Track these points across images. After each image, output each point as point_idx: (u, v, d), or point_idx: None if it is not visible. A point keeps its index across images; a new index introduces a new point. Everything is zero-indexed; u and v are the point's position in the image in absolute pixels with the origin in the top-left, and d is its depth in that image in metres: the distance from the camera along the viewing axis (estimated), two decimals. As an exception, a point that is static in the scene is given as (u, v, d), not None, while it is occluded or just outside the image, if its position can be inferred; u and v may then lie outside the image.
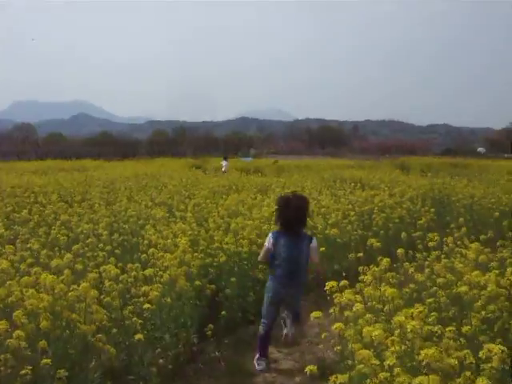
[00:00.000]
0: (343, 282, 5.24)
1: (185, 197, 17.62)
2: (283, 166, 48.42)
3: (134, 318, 6.54)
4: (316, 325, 7.97)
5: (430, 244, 7.58)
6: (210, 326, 7.86)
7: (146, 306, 6.59)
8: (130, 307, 6.84)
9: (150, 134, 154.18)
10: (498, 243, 8.26)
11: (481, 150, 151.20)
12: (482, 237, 8.21)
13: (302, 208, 7.26)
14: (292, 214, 7.15)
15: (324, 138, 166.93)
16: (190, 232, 10.26)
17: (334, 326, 4.33)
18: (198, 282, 8.03)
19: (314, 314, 4.91)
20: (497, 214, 15.26)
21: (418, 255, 8.17)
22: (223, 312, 8.57)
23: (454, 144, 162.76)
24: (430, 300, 5.25)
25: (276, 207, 7.65)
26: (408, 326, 3.83)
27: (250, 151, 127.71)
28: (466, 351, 3.83)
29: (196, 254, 8.97)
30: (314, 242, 7.33)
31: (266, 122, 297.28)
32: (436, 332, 4.19)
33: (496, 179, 26.57)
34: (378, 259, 6.20)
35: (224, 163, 41.73)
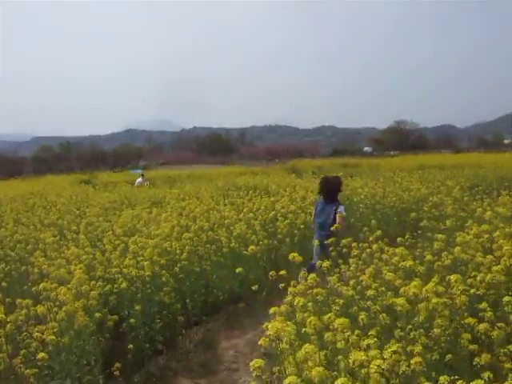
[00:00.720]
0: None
1: (76, 215, 16.64)
2: (174, 176, 47.54)
3: (27, 371, 5.64)
4: (231, 347, 7.42)
5: (345, 251, 7.04)
6: (117, 364, 7.04)
7: (41, 355, 5.65)
8: (21, 354, 5.95)
9: (35, 150, 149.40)
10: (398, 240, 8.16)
11: (367, 149, 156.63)
12: (399, 239, 7.83)
13: (336, 184, 10.50)
14: (329, 187, 10.36)
15: (212, 147, 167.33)
16: (84, 256, 9.31)
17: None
18: (98, 314, 7.19)
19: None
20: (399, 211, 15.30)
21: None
22: (130, 345, 7.75)
23: (341, 145, 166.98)
24: (362, 316, 4.75)
25: (319, 183, 10.76)
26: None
27: (139, 163, 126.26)
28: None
29: (93, 281, 8.10)
30: (341, 208, 9.95)
31: (154, 133, 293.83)
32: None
33: (389, 176, 27.15)
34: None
35: (139, 180, 39.37)
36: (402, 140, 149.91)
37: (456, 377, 3.56)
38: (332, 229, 8.28)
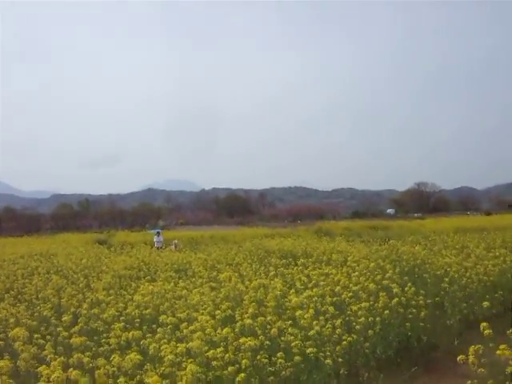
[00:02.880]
0: None
1: (81, 288, 13.57)
2: (196, 237, 44.75)
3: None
4: None
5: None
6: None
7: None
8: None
9: (54, 208, 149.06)
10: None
11: (390, 211, 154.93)
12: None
13: None
14: None
15: (232, 207, 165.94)
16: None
17: None
18: None
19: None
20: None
21: None
22: None
23: (362, 206, 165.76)
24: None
25: None
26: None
27: (158, 223, 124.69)
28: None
29: None
30: None
31: (173, 192, 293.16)
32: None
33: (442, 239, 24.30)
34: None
35: (157, 238, 37.07)
36: (423, 202, 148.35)
37: None
38: None
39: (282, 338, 7.65)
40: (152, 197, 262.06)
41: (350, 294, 10.11)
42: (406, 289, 10.69)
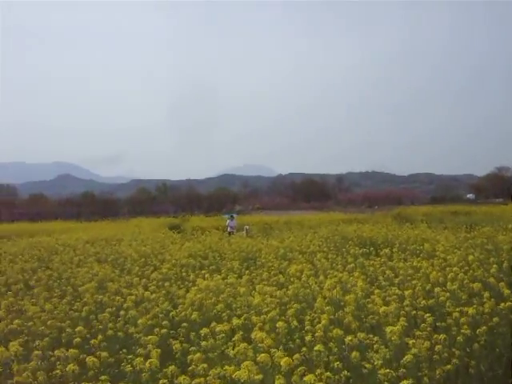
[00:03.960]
0: None
1: (135, 277, 12.30)
2: (271, 222, 43.30)
3: None
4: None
5: None
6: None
7: None
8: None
9: (133, 192, 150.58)
10: None
11: (470, 196, 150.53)
12: None
13: None
14: None
15: (308, 192, 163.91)
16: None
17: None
18: None
19: None
20: None
21: None
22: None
23: (439, 192, 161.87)
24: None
25: None
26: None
27: (234, 207, 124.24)
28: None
29: None
30: None
31: (249, 178, 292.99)
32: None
33: None
34: None
35: (230, 222, 35.81)
36: (504, 187, 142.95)
37: None
38: None
39: (366, 365, 5.91)
40: (229, 182, 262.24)
41: (447, 294, 8.32)
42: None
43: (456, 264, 10.64)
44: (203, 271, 12.99)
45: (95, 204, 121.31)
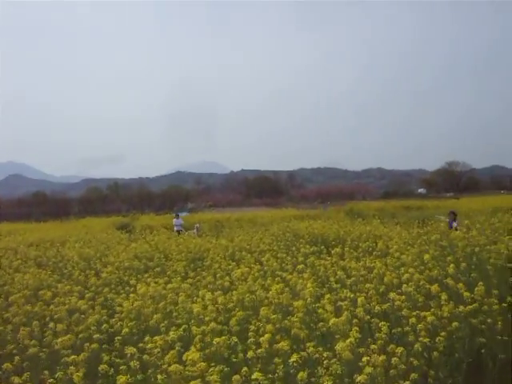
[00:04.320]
0: None
1: (72, 283, 11.52)
2: (222, 220, 42.62)
3: None
4: None
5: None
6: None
7: None
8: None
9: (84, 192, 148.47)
10: None
11: (421, 190, 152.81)
12: None
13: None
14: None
15: (261, 188, 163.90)
16: None
17: None
18: None
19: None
20: None
21: None
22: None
23: (391, 187, 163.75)
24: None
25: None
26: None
27: (186, 205, 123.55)
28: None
29: None
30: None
31: (202, 175, 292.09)
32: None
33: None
34: None
35: (176, 221, 34.71)
36: (454, 181, 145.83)
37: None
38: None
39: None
40: (181, 179, 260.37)
41: (403, 297, 7.76)
42: (475, 288, 7.95)
43: (411, 263, 10.14)
44: (146, 275, 12.35)
45: (46, 204, 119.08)
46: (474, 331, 7.26)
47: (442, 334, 6.53)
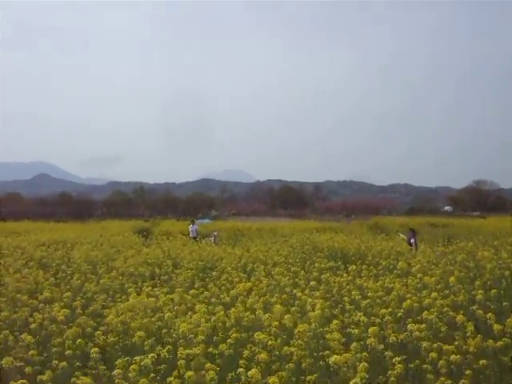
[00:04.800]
0: None
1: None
2: (243, 229, 41.97)
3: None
4: None
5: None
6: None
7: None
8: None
9: (109, 194, 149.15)
10: None
11: (448, 208, 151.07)
12: None
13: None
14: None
15: (286, 199, 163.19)
16: None
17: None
18: None
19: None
20: None
21: None
22: None
23: (417, 203, 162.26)
24: None
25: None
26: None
27: (210, 212, 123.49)
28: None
29: None
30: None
31: (228, 183, 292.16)
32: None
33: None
34: None
35: (191, 227, 34.26)
36: (481, 200, 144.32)
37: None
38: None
39: None
40: (207, 186, 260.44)
41: (423, 325, 6.77)
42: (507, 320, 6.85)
43: (434, 285, 9.22)
44: (148, 283, 11.59)
45: (70, 205, 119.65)
46: (504, 370, 6.29)
47: (467, 372, 5.63)
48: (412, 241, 22.15)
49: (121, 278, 12.40)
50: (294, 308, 7.57)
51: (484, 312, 7.23)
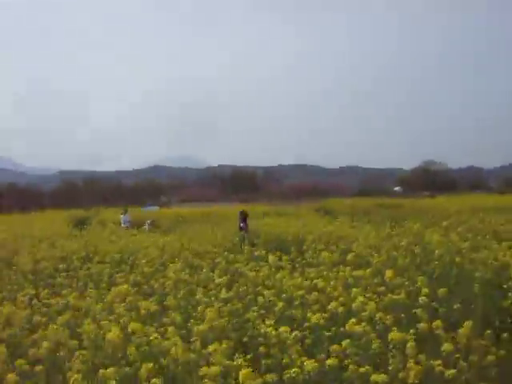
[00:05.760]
0: None
1: None
2: (186, 215, 40.27)
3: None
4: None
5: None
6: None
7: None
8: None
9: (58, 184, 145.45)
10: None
11: (398, 189, 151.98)
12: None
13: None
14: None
15: (237, 184, 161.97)
16: None
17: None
18: None
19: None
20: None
21: None
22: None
23: (368, 184, 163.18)
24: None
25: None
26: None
27: (160, 199, 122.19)
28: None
29: None
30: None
31: (179, 169, 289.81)
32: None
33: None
34: None
35: (123, 217, 32.24)
36: (431, 181, 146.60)
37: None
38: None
39: None
40: (159, 173, 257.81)
41: (348, 340, 5.15)
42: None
43: (369, 279, 7.61)
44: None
45: (13, 195, 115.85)
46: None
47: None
48: (242, 225, 21.54)
49: (14, 276, 10.61)
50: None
51: (429, 321, 5.61)
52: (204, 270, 10.08)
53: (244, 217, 22.39)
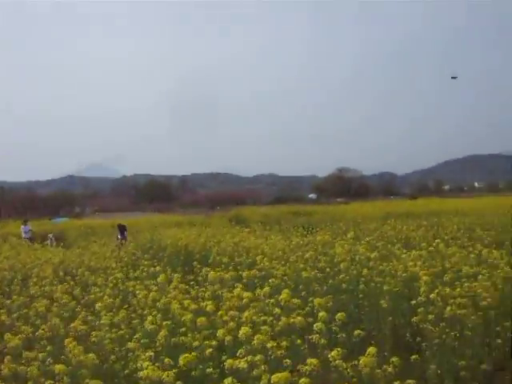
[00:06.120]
0: None
1: None
2: (95, 226, 39.09)
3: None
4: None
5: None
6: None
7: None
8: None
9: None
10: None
11: (312, 196, 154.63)
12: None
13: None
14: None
15: (152, 193, 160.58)
16: None
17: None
18: None
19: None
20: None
21: None
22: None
23: (283, 192, 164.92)
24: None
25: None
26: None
27: (73, 210, 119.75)
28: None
29: None
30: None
31: (94, 179, 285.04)
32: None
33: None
34: None
35: (23, 228, 31.07)
36: (345, 187, 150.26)
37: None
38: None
39: None
40: (74, 183, 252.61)
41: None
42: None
43: (266, 299, 6.94)
44: None
45: None
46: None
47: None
48: (120, 237, 24.22)
49: None
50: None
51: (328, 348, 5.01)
52: (95, 290, 9.27)
53: (122, 230, 25.27)
